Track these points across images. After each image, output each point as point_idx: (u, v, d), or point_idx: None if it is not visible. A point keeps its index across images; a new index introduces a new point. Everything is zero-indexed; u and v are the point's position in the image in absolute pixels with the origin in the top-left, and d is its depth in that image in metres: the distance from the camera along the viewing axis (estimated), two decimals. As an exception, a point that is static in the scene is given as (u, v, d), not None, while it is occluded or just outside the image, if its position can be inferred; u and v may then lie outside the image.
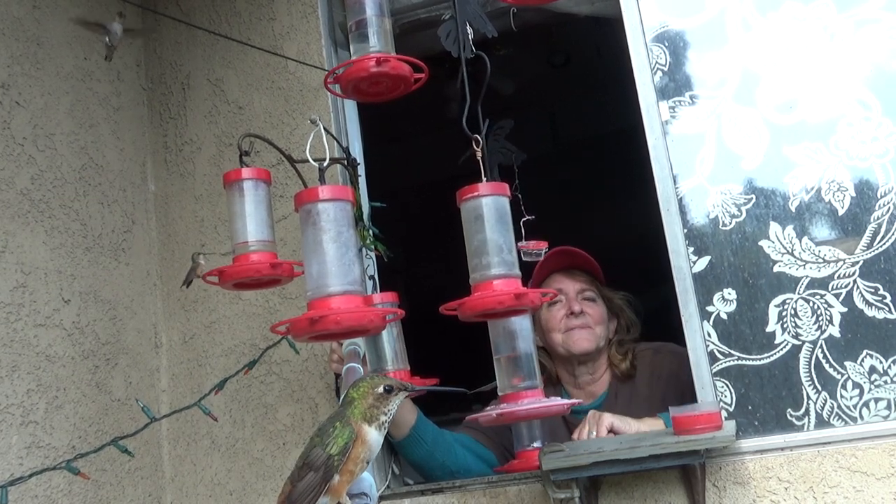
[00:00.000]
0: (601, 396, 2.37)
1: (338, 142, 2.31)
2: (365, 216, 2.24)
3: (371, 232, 2.23)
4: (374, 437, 1.60)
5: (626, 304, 2.45)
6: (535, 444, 2.15)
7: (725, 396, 1.96)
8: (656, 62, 2.13)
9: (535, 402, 1.80)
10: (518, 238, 1.82)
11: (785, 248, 1.98)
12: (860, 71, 2.00)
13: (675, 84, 2.11)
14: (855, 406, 1.89)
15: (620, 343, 2.40)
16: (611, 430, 2.02)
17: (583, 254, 2.42)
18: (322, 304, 1.56)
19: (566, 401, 1.83)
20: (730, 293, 2.00)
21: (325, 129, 1.75)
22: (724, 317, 1.99)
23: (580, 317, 2.33)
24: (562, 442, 2.20)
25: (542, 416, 2.07)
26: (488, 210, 1.66)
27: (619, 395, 2.35)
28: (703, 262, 2.02)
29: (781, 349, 1.95)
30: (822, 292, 1.94)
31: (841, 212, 1.96)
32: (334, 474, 1.56)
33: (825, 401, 1.91)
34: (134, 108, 2.66)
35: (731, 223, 2.02)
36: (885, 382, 1.88)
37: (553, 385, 2.43)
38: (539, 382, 1.84)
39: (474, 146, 1.73)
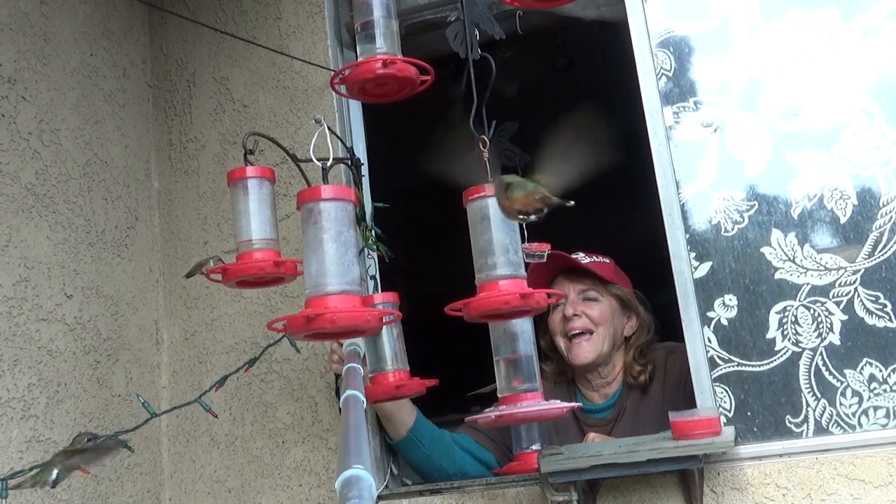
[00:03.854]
0: (613, 397, 2.35)
1: (342, 141, 2.32)
2: (367, 216, 2.24)
3: (373, 232, 2.24)
4: None
5: (639, 301, 2.40)
6: (535, 447, 2.15)
7: (725, 402, 1.96)
8: (661, 67, 2.13)
9: (534, 404, 1.78)
10: (521, 240, 1.82)
11: (786, 255, 1.98)
12: (864, 79, 2.00)
13: (679, 89, 2.12)
14: (854, 414, 1.89)
15: (641, 352, 2.35)
16: None
17: (567, 257, 2.32)
18: (319, 302, 1.56)
19: (565, 404, 1.81)
20: (731, 299, 2.00)
21: (329, 128, 1.75)
22: (725, 322, 1.99)
23: (574, 319, 2.30)
24: (573, 442, 2.20)
25: (540, 419, 2.07)
26: (495, 210, 1.66)
27: (629, 396, 2.34)
28: (704, 268, 2.02)
29: (781, 356, 1.95)
30: (823, 300, 1.94)
31: (843, 220, 1.96)
32: None
33: (824, 408, 1.91)
34: (139, 104, 2.66)
35: (733, 229, 2.03)
36: (885, 391, 1.88)
37: (567, 384, 2.42)
38: (539, 385, 1.84)
39: (481, 146, 1.73)
